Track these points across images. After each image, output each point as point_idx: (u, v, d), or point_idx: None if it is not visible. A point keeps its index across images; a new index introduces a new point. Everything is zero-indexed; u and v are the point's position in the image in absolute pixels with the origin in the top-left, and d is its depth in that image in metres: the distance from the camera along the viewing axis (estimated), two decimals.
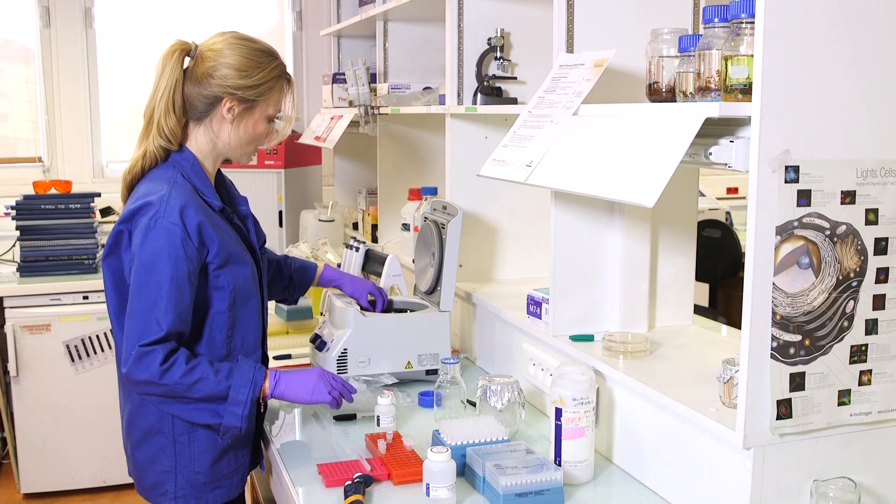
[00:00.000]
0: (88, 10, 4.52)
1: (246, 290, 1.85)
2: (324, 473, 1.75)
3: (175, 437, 1.82)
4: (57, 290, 3.65)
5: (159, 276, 1.71)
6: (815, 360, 1.40)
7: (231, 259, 1.81)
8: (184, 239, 1.72)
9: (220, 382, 1.74)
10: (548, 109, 1.82)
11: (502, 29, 2.61)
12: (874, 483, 1.50)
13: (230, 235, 1.85)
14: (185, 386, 1.71)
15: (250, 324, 1.88)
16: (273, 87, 1.87)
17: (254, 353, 1.90)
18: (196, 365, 1.73)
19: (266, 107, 1.87)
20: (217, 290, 1.80)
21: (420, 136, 3.48)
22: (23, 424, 3.68)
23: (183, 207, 1.74)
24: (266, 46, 1.89)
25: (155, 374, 1.69)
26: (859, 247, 1.41)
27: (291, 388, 1.84)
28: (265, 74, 1.84)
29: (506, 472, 1.61)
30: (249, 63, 1.83)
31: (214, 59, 1.83)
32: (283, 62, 1.90)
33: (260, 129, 1.89)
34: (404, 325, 2.30)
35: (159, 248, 1.71)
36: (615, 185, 1.49)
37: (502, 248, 2.73)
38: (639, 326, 2.01)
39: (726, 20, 1.44)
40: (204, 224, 1.76)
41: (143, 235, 1.72)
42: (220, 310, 1.81)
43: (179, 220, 1.72)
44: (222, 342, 1.83)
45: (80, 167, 4.54)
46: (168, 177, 1.81)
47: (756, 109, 1.32)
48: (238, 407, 1.75)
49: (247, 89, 1.83)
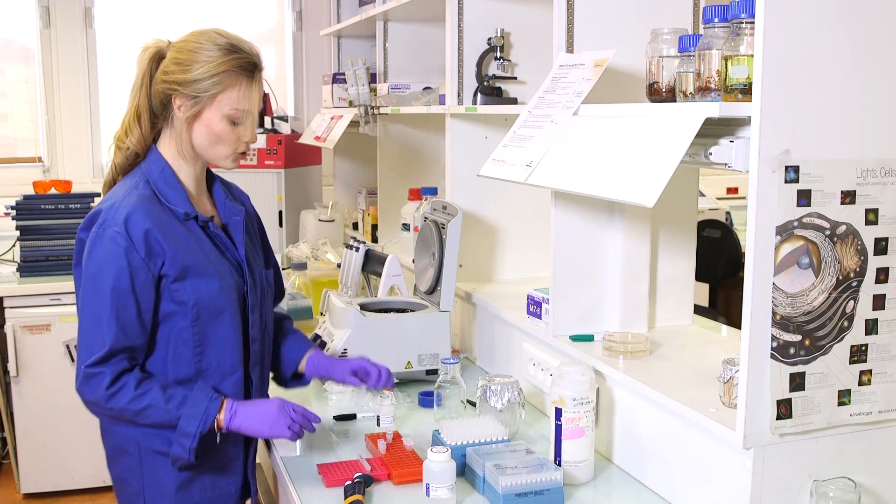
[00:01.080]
0: (88, 10, 4.52)
1: (213, 306, 1.70)
2: (324, 473, 1.75)
3: (141, 458, 1.73)
4: (57, 290, 3.65)
5: (102, 287, 1.62)
6: (815, 360, 1.40)
7: (190, 272, 1.68)
8: (128, 248, 1.62)
9: (170, 411, 1.63)
10: (548, 109, 1.82)
11: (502, 29, 2.61)
12: (874, 483, 1.50)
13: (192, 246, 1.71)
14: (133, 412, 1.63)
15: (224, 342, 1.73)
16: (223, 82, 1.69)
17: (231, 374, 1.75)
18: (146, 391, 1.63)
19: (219, 104, 1.70)
20: (176, 303, 1.68)
21: (420, 136, 3.48)
22: (23, 424, 3.68)
23: (129, 214, 1.64)
24: (229, 42, 1.71)
25: (101, 398, 1.63)
26: (859, 247, 1.41)
27: (249, 422, 1.69)
28: (210, 68, 1.68)
29: (506, 472, 1.61)
30: (193, 57, 1.69)
31: (171, 56, 1.72)
32: (245, 56, 1.72)
33: (217, 128, 1.72)
34: (404, 325, 2.30)
35: (102, 257, 1.63)
36: (615, 185, 1.49)
37: (502, 248, 2.73)
38: (639, 326, 2.01)
39: (726, 20, 1.44)
40: (153, 232, 1.65)
41: (91, 246, 1.65)
42: (184, 325, 1.69)
43: (123, 228, 1.63)
44: (189, 360, 1.70)
45: (80, 167, 4.54)
46: (129, 184, 1.72)
47: (756, 109, 1.32)
48: (186, 439, 1.64)
49: (191, 83, 1.69)
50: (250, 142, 1.78)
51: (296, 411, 1.74)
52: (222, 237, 1.79)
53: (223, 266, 1.75)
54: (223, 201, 1.86)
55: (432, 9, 2.94)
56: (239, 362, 1.76)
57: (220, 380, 1.74)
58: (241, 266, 1.80)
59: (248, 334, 1.79)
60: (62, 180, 3.93)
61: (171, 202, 1.72)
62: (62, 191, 3.87)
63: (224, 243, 1.79)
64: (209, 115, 1.71)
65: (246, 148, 1.79)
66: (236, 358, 1.76)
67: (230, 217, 1.84)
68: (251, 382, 1.81)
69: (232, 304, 1.74)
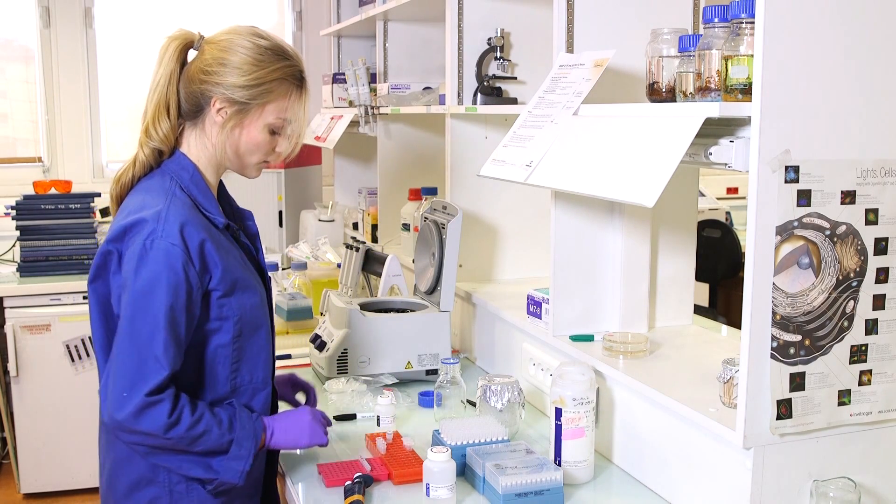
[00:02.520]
0: (88, 10, 4.52)
1: (254, 320, 1.62)
2: (324, 473, 1.75)
3: (171, 487, 1.59)
4: (57, 290, 3.65)
5: (157, 305, 1.48)
6: (815, 360, 1.40)
7: (238, 285, 1.58)
8: (185, 262, 1.50)
9: (224, 435, 1.54)
10: (548, 109, 1.82)
11: (502, 29, 2.61)
12: (874, 483, 1.50)
13: (236, 258, 1.62)
14: (189, 440, 1.51)
15: (259, 356, 1.64)
16: (273, 91, 1.60)
17: (263, 389, 1.66)
18: (201, 416, 1.52)
19: (264, 113, 1.61)
20: (221, 320, 1.57)
21: (420, 136, 3.48)
22: (23, 424, 3.68)
23: (183, 224, 1.51)
24: (277, 45, 1.63)
25: (160, 428, 1.47)
26: (859, 247, 1.41)
27: (287, 437, 1.66)
28: (265, 74, 1.59)
29: (506, 472, 1.61)
30: (247, 59, 1.59)
31: (212, 53, 1.60)
32: (295, 64, 1.64)
33: (258, 138, 1.62)
34: (404, 325, 2.30)
35: (157, 272, 1.48)
36: (615, 185, 1.49)
37: (502, 248, 2.73)
38: (639, 326, 2.01)
39: (726, 20, 1.44)
40: (207, 244, 1.53)
41: (139, 259, 1.49)
42: (224, 342, 1.58)
43: (180, 240, 1.50)
44: (226, 378, 1.61)
45: (80, 167, 4.54)
46: (165, 188, 1.58)
47: (756, 109, 1.32)
48: (239, 462, 1.56)
49: (239, 89, 1.58)
50: (285, 154, 1.69)
51: (324, 416, 1.76)
52: (249, 246, 1.71)
53: (255, 277, 1.68)
54: (236, 206, 1.80)
55: (432, 9, 2.94)
56: (269, 377, 1.69)
57: (251, 396, 1.65)
58: (265, 274, 1.74)
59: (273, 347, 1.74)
60: (62, 180, 3.93)
61: (209, 210, 1.62)
62: (62, 191, 3.88)
63: (251, 252, 1.71)
64: (252, 123, 1.61)
65: (278, 159, 1.70)
66: (268, 373, 1.68)
67: (244, 223, 1.77)
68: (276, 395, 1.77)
69: (266, 317, 1.67)
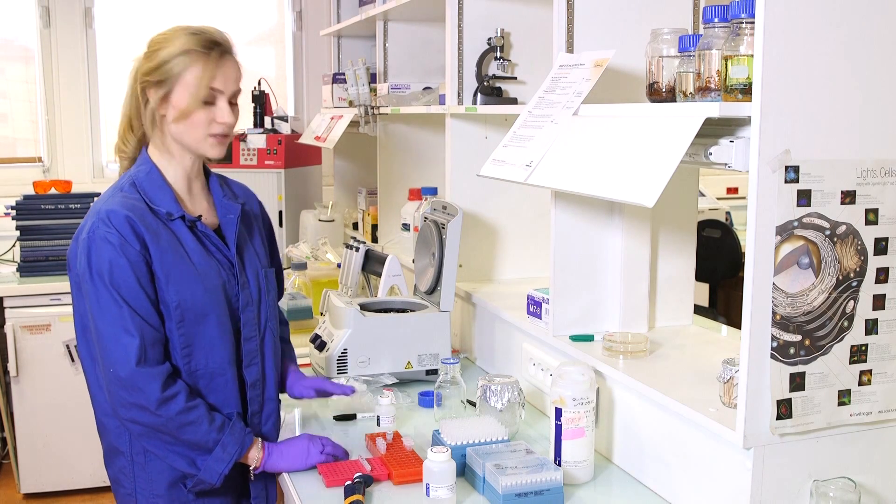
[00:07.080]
0: (88, 10, 4.52)
1: (196, 309, 1.69)
2: (324, 473, 1.75)
3: (133, 457, 1.73)
4: (57, 290, 3.65)
5: (111, 290, 1.62)
6: (815, 360, 1.40)
7: (172, 274, 1.67)
8: (122, 243, 1.62)
9: (211, 433, 1.66)
10: (548, 109, 1.82)
11: (502, 29, 2.61)
12: (874, 483, 1.50)
13: (176, 247, 1.69)
14: (178, 424, 1.63)
15: (212, 344, 1.72)
16: (184, 61, 1.67)
17: (220, 375, 1.73)
18: (195, 407, 1.64)
19: (184, 85, 1.68)
20: (164, 305, 1.67)
21: (420, 136, 3.48)
22: (23, 424, 3.68)
23: (110, 212, 1.64)
24: (187, 26, 1.73)
25: (152, 402, 1.60)
26: (859, 247, 1.41)
27: (283, 461, 1.77)
28: (173, 50, 1.68)
29: (506, 472, 1.61)
30: (159, 46, 1.70)
31: (143, 53, 1.74)
32: (205, 34, 1.71)
33: (191, 112, 1.69)
34: (404, 325, 2.30)
35: (102, 261, 1.62)
36: (615, 185, 1.49)
37: (502, 248, 2.73)
38: (639, 326, 2.01)
39: (726, 20, 1.44)
40: (132, 219, 1.64)
41: (88, 253, 1.64)
42: (170, 327, 1.68)
43: (111, 227, 1.63)
44: (178, 362, 1.69)
45: (80, 167, 4.54)
46: (115, 187, 1.74)
47: (756, 109, 1.32)
48: (220, 464, 1.67)
49: (154, 71, 1.69)
50: (226, 122, 1.72)
51: (321, 439, 1.82)
52: (212, 236, 1.76)
53: (209, 266, 1.73)
54: (220, 199, 1.83)
55: (432, 9, 2.94)
56: (228, 363, 1.75)
57: (209, 381, 1.73)
58: (233, 265, 1.78)
59: (239, 334, 1.78)
60: (62, 180, 3.93)
61: (156, 202, 1.71)
62: (62, 191, 3.87)
63: (214, 242, 1.76)
64: (177, 95, 1.69)
65: (224, 130, 1.73)
66: (225, 359, 1.74)
67: (225, 215, 1.82)
68: (245, 382, 1.79)
69: (218, 305, 1.73)
